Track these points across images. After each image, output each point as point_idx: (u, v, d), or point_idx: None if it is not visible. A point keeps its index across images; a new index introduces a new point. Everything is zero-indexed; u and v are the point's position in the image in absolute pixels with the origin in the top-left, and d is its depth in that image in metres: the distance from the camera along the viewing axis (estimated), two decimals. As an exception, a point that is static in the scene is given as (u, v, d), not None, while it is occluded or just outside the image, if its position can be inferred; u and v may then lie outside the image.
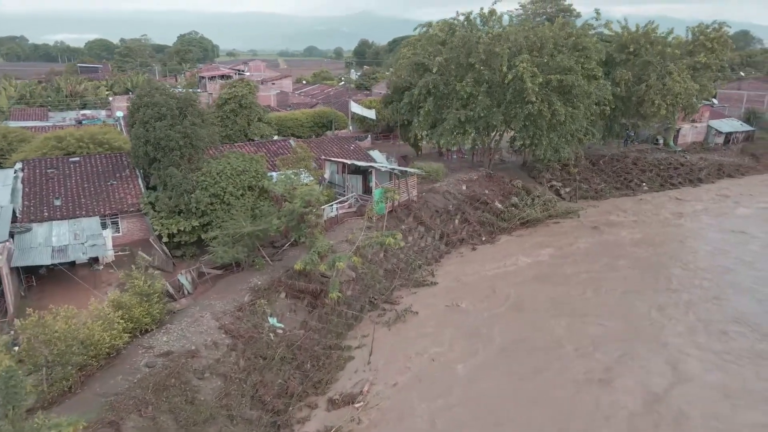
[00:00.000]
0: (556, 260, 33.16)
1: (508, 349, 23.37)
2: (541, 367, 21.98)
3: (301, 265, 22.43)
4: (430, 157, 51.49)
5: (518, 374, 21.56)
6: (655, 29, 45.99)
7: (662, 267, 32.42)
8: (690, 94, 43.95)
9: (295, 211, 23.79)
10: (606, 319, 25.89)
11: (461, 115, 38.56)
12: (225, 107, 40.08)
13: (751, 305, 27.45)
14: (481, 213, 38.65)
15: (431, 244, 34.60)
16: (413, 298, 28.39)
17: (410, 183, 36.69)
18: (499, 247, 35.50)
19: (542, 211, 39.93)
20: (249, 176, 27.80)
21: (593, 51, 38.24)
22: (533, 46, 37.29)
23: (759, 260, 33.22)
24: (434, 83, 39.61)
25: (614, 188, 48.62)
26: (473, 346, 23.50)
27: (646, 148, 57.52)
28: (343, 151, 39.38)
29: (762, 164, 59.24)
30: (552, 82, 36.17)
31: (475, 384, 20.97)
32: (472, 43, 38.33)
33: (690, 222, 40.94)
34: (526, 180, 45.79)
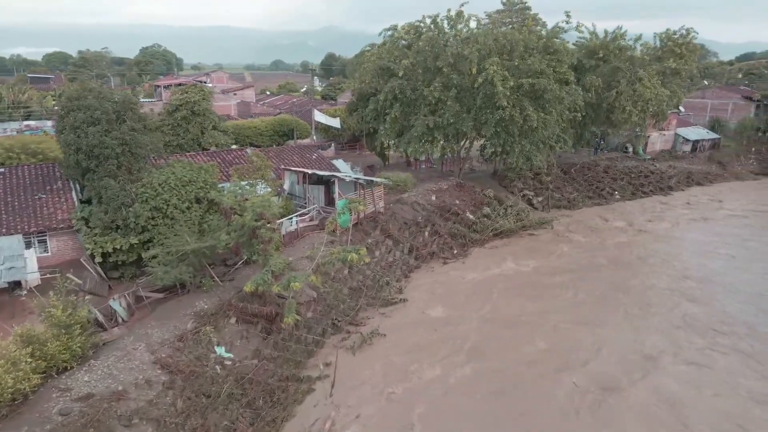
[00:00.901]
0: (533, 273, 31.20)
1: (483, 373, 21.06)
2: (519, 396, 19.75)
3: (252, 286, 19.72)
4: (398, 167, 49.38)
5: (495, 403, 19.27)
6: (623, 35, 45.17)
7: (639, 279, 30.83)
8: (660, 100, 43.10)
9: (246, 226, 21.11)
10: (591, 338, 23.92)
11: (429, 121, 36.54)
12: (176, 114, 37.09)
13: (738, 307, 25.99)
14: (452, 224, 36.55)
15: (400, 258, 32.24)
16: (381, 318, 25.90)
17: (376, 194, 34.37)
18: (471, 260, 33.38)
19: (515, 222, 38.11)
20: (196, 187, 24.95)
21: (564, 54, 36.87)
22: (503, 49, 35.64)
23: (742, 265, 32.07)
24: (401, 88, 37.55)
25: (587, 197, 47.38)
26: (445, 371, 21.12)
27: (616, 157, 56.84)
28: (305, 161, 36.85)
29: (729, 172, 59.32)
30: (523, 86, 34.52)
31: (447, 413, 18.60)
32: (440, 46, 36.48)
33: (670, 229, 39.74)
34: (498, 189, 44.04)
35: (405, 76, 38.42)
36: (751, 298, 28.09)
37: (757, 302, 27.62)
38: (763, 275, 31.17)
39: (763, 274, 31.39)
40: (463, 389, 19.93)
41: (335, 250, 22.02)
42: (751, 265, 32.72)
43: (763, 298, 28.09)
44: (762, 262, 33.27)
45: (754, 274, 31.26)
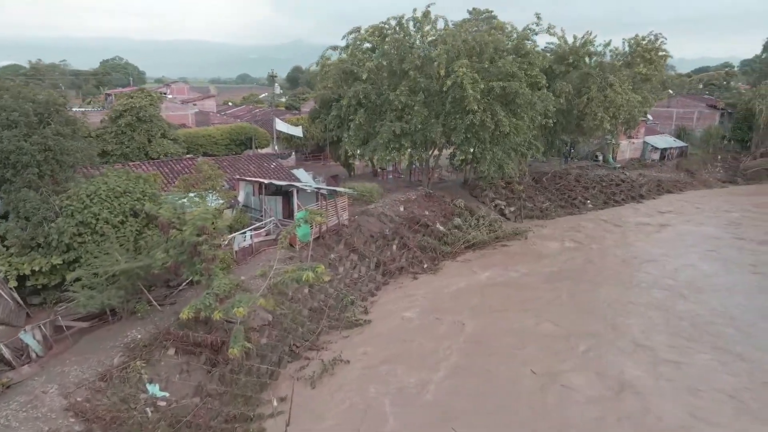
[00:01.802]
0: (510, 287, 29.07)
1: (456, 409, 18.62)
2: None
3: (190, 312, 16.86)
4: (364, 177, 47.02)
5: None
6: (592, 41, 44.11)
7: (619, 289, 29.06)
8: (632, 105, 42.03)
9: (186, 242, 18.28)
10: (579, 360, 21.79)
11: (396, 127, 34.31)
12: (120, 121, 33.85)
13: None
14: (421, 237, 34.27)
15: (366, 274, 29.72)
16: (344, 342, 23.27)
17: (340, 205, 31.85)
18: (443, 275, 31.10)
19: (488, 233, 36.08)
20: (132, 199, 21.95)
21: (536, 56, 35.29)
22: (472, 51, 33.81)
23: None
24: (365, 93, 35.27)
25: (559, 206, 45.89)
26: (414, 405, 18.61)
27: (587, 165, 55.83)
28: (262, 170, 34.08)
29: (697, 180, 59.05)
30: (494, 89, 32.69)
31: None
32: (406, 48, 34.44)
33: (647, 237, 38.33)
34: (468, 199, 42.06)
35: (369, 80, 36.21)
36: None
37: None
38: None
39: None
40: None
41: (290, 269, 19.35)
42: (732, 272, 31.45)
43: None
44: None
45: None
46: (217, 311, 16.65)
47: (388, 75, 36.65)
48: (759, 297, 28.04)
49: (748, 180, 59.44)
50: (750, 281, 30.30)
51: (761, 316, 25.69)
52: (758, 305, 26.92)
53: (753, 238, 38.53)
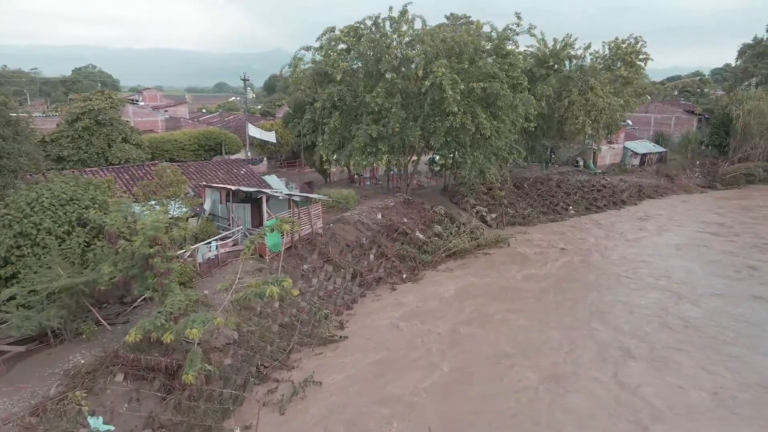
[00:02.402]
0: (494, 297, 27.53)
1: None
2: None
3: (137, 335, 14.86)
4: (341, 184, 45.40)
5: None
6: (573, 44, 43.29)
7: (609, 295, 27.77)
8: (614, 109, 41.23)
9: (137, 254, 16.30)
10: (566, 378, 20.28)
11: (372, 130, 32.73)
12: (77, 124, 31.59)
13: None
14: (400, 245, 32.63)
15: (341, 286, 27.92)
16: (317, 360, 21.42)
17: (314, 212, 30.07)
18: (423, 285, 29.46)
19: (470, 241, 34.61)
20: (80, 207, 19.86)
21: (517, 57, 34.09)
22: (451, 51, 32.46)
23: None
24: (340, 95, 33.66)
25: (541, 212, 44.74)
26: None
27: (568, 171, 55.00)
28: (231, 177, 32.13)
29: (677, 185, 58.70)
30: (475, 90, 31.35)
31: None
32: (382, 48, 32.94)
33: (632, 242, 37.25)
34: (449, 206, 40.62)
35: (345, 82, 34.66)
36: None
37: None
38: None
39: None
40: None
41: (253, 282, 17.49)
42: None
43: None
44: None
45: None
46: (167, 333, 14.68)
47: (364, 76, 35.13)
48: (746, 299, 27.01)
49: (726, 185, 59.32)
50: (737, 284, 29.31)
51: (749, 318, 24.61)
52: (747, 308, 25.87)
53: (739, 242, 37.81)
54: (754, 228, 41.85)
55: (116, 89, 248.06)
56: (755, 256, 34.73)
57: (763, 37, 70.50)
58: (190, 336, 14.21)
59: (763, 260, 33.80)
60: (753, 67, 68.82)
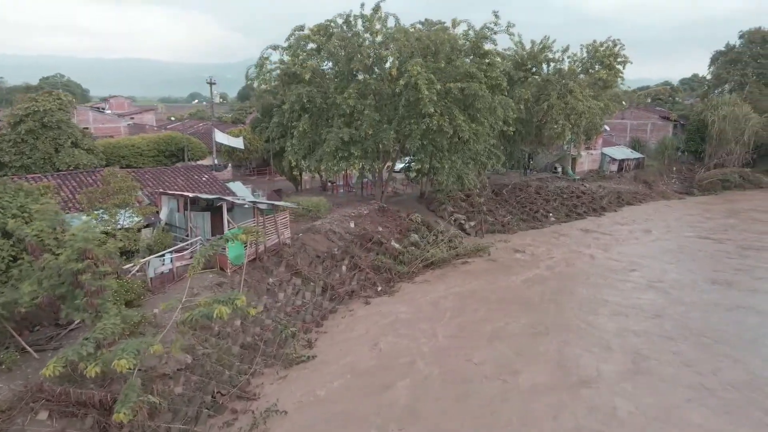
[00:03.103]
0: (474, 312, 25.63)
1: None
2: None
3: (56, 367, 12.47)
4: (313, 191, 43.22)
5: None
6: (550, 46, 42.14)
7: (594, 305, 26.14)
8: (594, 113, 40.08)
9: (63, 270, 13.92)
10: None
11: (344, 134, 30.76)
12: (20, 127, 28.86)
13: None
14: (374, 256, 30.60)
15: (311, 300, 25.71)
16: (282, 385, 19.17)
17: (281, 221, 27.88)
18: (399, 298, 27.42)
19: (448, 250, 32.75)
20: (6, 216, 17.31)
21: (495, 57, 32.56)
22: (427, 50, 30.80)
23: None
24: (309, 96, 31.61)
25: (521, 220, 43.22)
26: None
27: (546, 177, 53.81)
28: (192, 184, 29.73)
29: (655, 191, 58.11)
30: (452, 91, 29.66)
31: None
32: (354, 47, 31.09)
33: (617, 249, 35.87)
34: (426, 214, 38.79)
35: (315, 83, 32.67)
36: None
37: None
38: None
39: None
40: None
41: (202, 301, 15.21)
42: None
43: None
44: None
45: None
46: (92, 365, 12.33)
47: (335, 77, 33.27)
48: (728, 304, 25.69)
49: (704, 191, 58.93)
50: (721, 289, 28.04)
51: (729, 321, 23.22)
52: (727, 310, 24.52)
53: (722, 249, 36.81)
54: (740, 233, 41.03)
55: (86, 99, 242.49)
56: (743, 261, 33.69)
57: (735, 44, 70.96)
58: (117, 368, 11.86)
59: (749, 265, 32.76)
60: (726, 73, 69.11)
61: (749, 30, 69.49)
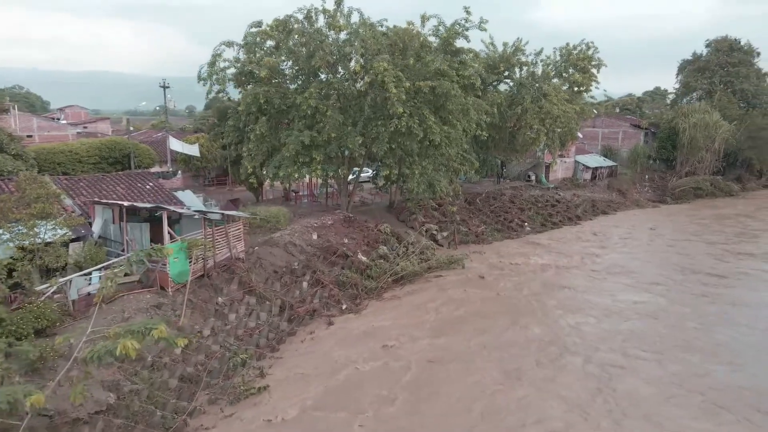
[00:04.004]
0: (450, 331, 23.12)
1: None
2: None
3: None
4: (275, 202, 40.25)
5: None
6: (523, 48, 40.44)
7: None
8: (569, 117, 38.42)
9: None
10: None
11: (305, 137, 28.10)
12: (-66, 130, 25.37)
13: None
14: (339, 270, 27.91)
15: (266, 322, 22.80)
16: (228, 424, 16.27)
17: (233, 233, 24.96)
18: (366, 317, 24.74)
19: (420, 263, 30.25)
20: None
21: (467, 54, 30.42)
22: (394, 46, 28.53)
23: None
24: (266, 97, 28.92)
25: (495, 230, 41.11)
26: None
27: (520, 185, 52.10)
28: (134, 192, 26.58)
29: (629, 200, 57.04)
30: (422, 89, 27.37)
31: None
32: (316, 43, 28.60)
33: (597, 258, 33.96)
34: (395, 224, 36.29)
35: (273, 84, 30.02)
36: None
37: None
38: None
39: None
40: None
41: (113, 332, 12.22)
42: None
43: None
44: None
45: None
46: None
47: (297, 76, 30.70)
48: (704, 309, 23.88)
49: (676, 199, 58.23)
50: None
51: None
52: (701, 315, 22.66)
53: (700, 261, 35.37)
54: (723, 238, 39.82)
55: (45, 111, 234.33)
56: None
57: (701, 53, 71.26)
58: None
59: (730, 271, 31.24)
60: (695, 81, 69.17)
61: (716, 39, 69.90)
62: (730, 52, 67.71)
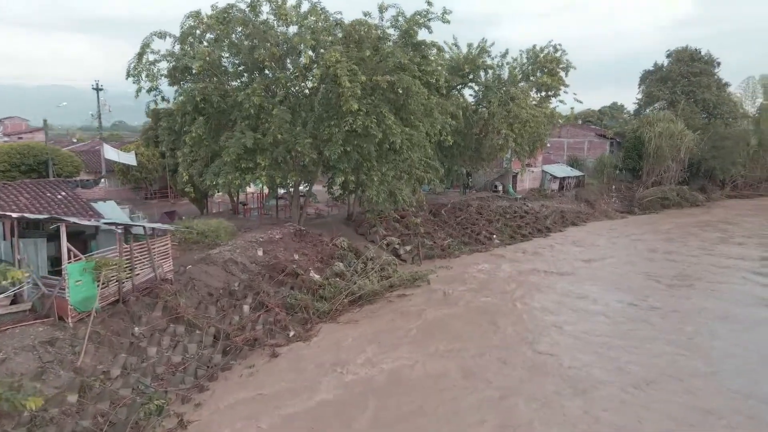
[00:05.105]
0: (409, 360, 19.82)
1: None
2: None
3: None
4: (224, 215, 36.34)
5: None
6: (488, 49, 38.08)
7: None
8: (539, 121, 36.10)
9: None
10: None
11: (247, 139, 24.59)
12: None
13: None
14: (288, 291, 24.34)
15: (195, 355, 19.02)
16: (126, 499, 12.46)
17: (159, 249, 21.18)
18: (318, 345, 21.21)
19: (380, 281, 26.95)
20: None
21: (429, 48, 27.52)
22: (349, 38, 25.48)
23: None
24: (203, 93, 25.33)
25: (462, 243, 38.22)
26: None
27: (487, 196, 49.63)
28: (40, 203, 22.43)
29: (597, 210, 55.40)
30: (380, 85, 24.29)
31: None
32: (259, 33, 25.27)
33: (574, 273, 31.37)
34: (354, 238, 33.00)
35: (212, 80, 26.50)
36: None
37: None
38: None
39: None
40: None
41: None
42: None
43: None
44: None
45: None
46: None
47: (241, 72, 27.29)
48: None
49: (644, 210, 56.98)
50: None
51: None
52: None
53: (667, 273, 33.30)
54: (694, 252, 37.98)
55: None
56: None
57: (663, 64, 71.14)
58: None
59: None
60: (658, 91, 68.80)
61: (676, 49, 69.91)
62: (691, 62, 67.68)
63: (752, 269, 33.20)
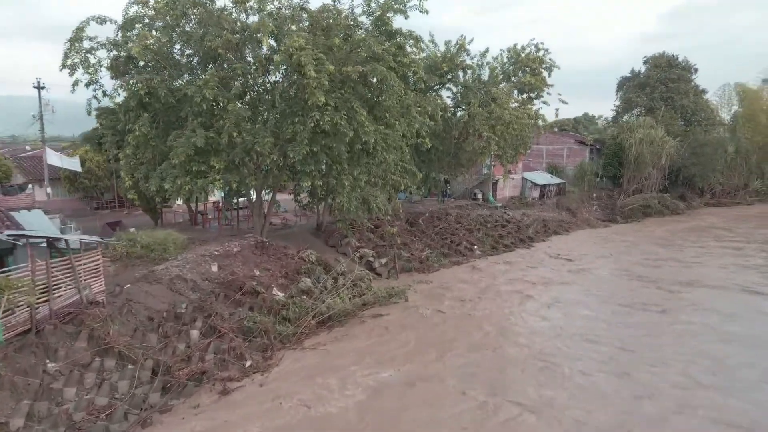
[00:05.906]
0: (384, 392, 16.80)
1: None
2: None
3: None
4: (181, 227, 32.87)
5: None
6: (467, 47, 35.66)
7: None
8: (522, 123, 33.72)
9: None
10: None
11: (198, 138, 21.38)
12: None
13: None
14: (246, 312, 21.09)
15: (126, 396, 15.64)
16: None
17: (89, 266, 17.80)
18: (279, 377, 18.03)
19: (352, 298, 23.90)
20: None
21: (406, 38, 24.77)
22: (316, 25, 22.59)
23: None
24: (149, 87, 22.06)
25: (442, 254, 35.40)
26: None
27: (466, 204, 47.08)
28: (-54, 212, 18.86)
29: (579, 219, 53.37)
30: (351, 77, 21.40)
31: None
32: (212, 18, 22.20)
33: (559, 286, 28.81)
34: (323, 250, 29.92)
35: (160, 69, 23.28)
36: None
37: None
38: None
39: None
40: None
41: None
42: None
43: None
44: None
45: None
46: None
47: (193, 64, 24.13)
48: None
49: (626, 218, 55.22)
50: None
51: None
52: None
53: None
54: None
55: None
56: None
57: (640, 70, 70.25)
58: None
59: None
60: (636, 97, 67.72)
61: (653, 55, 69.09)
62: (668, 68, 66.85)
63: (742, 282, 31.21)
